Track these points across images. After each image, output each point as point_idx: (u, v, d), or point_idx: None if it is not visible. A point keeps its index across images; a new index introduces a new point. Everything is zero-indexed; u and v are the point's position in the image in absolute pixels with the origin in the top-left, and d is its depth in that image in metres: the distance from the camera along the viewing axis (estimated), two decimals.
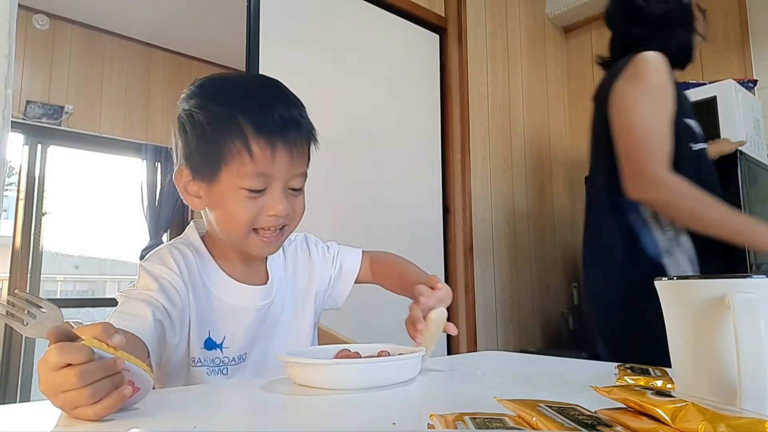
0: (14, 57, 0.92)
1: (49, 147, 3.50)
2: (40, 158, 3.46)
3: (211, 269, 0.83)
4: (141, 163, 3.86)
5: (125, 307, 0.70)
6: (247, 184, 0.74)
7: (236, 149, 0.73)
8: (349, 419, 0.48)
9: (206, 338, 0.79)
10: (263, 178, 0.75)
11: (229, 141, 0.73)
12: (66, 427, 0.46)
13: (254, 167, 0.73)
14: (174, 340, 0.75)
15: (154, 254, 0.80)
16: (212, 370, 0.79)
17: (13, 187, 3.36)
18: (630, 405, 0.36)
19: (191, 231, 0.86)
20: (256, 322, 0.84)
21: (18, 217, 3.35)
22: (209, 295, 0.81)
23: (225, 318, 0.81)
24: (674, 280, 0.46)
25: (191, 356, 0.78)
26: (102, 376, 0.46)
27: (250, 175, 0.74)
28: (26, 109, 3.37)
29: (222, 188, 0.75)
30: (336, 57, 2.16)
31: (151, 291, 0.73)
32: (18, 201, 3.37)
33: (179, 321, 0.76)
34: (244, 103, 0.76)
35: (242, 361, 0.82)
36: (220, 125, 0.74)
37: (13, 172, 3.38)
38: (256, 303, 0.83)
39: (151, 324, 0.68)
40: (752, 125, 2.06)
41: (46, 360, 0.46)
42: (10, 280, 3.29)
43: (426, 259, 2.38)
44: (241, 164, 0.73)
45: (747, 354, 0.38)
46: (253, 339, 0.83)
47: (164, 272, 0.76)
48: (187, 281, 0.78)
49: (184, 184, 0.79)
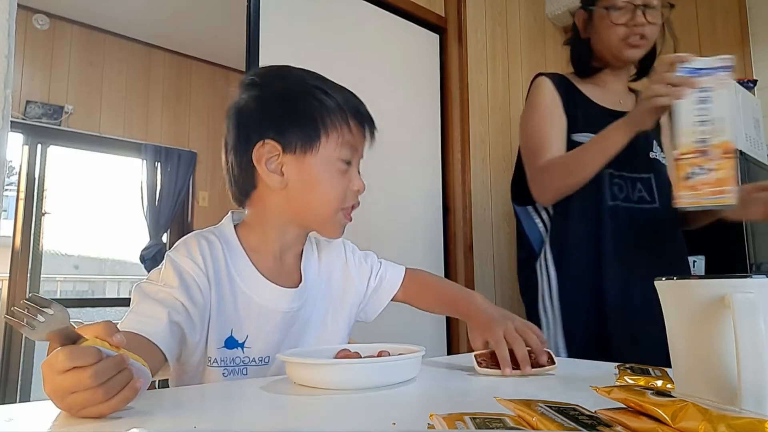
0: (14, 57, 0.92)
1: (49, 147, 3.50)
2: (40, 158, 3.46)
3: (242, 263, 0.80)
4: (141, 163, 3.86)
5: (140, 307, 0.69)
6: (345, 155, 0.80)
7: (337, 121, 0.79)
8: (349, 419, 0.48)
9: (228, 336, 0.77)
10: (354, 151, 0.82)
11: (330, 112, 0.79)
12: (66, 427, 0.46)
13: (352, 139, 0.81)
14: (195, 338, 0.73)
15: (181, 243, 0.78)
16: (231, 371, 0.76)
17: (13, 187, 3.36)
18: (630, 405, 0.36)
19: (227, 220, 0.85)
20: (283, 326, 0.81)
21: (18, 217, 3.34)
22: (236, 289, 0.78)
23: (250, 317, 0.78)
24: (674, 280, 0.46)
25: (208, 356, 0.76)
26: (114, 374, 0.47)
27: (347, 145, 0.80)
28: (26, 109, 3.37)
29: (318, 160, 0.78)
30: (336, 57, 2.16)
31: (172, 288, 0.72)
32: (18, 201, 3.37)
33: (200, 320, 0.74)
34: (331, 83, 0.83)
35: (264, 363, 0.79)
36: (318, 98, 0.79)
37: (13, 172, 3.38)
38: (285, 306, 0.81)
39: (166, 326, 0.67)
40: (752, 125, 2.06)
41: (52, 364, 0.45)
42: (10, 280, 3.29)
43: (426, 259, 2.38)
44: (342, 134, 0.80)
45: (747, 354, 0.38)
46: (278, 343, 0.80)
47: (189, 266, 0.75)
48: (210, 276, 0.76)
49: (267, 159, 0.78)
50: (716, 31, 2.50)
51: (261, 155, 0.78)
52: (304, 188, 0.79)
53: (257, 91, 0.81)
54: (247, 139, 0.79)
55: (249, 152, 0.78)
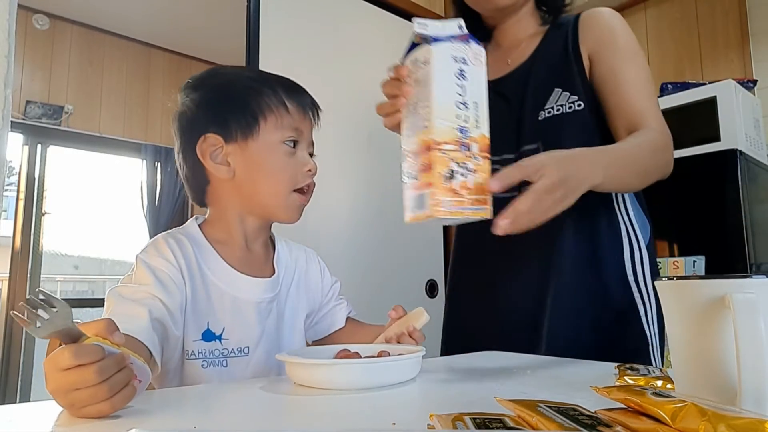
0: (14, 57, 0.92)
1: (49, 147, 3.50)
2: (40, 158, 3.45)
3: (211, 257, 0.82)
4: (141, 163, 3.86)
5: (118, 309, 0.69)
6: (287, 135, 0.81)
7: (273, 104, 0.81)
8: (349, 419, 0.48)
9: (205, 330, 0.78)
10: (298, 132, 0.83)
11: (265, 97, 0.81)
12: (66, 426, 0.46)
13: (291, 120, 0.82)
14: (178, 332, 0.74)
15: (150, 245, 0.80)
16: (210, 363, 0.77)
17: (13, 187, 3.36)
18: (630, 405, 0.36)
19: (190, 222, 0.87)
20: (259, 316, 0.82)
21: (18, 217, 3.34)
22: (208, 283, 0.80)
23: (224, 308, 0.80)
24: (674, 280, 0.46)
25: (185, 349, 0.77)
26: (116, 371, 0.47)
27: (288, 126, 0.81)
28: (26, 109, 3.37)
29: (260, 145, 0.80)
30: (336, 57, 2.16)
31: (146, 286, 0.73)
32: (18, 201, 3.37)
33: (179, 313, 0.75)
34: (265, 73, 0.86)
35: (244, 354, 0.80)
36: (253, 87, 0.82)
37: (13, 172, 3.38)
38: (258, 296, 0.82)
39: (148, 323, 0.68)
40: (752, 125, 2.06)
41: (56, 361, 0.46)
42: (10, 280, 3.28)
43: (426, 261, 2.38)
44: (280, 116, 0.81)
45: (747, 354, 0.38)
46: (256, 334, 0.82)
47: (161, 264, 0.76)
48: (183, 271, 0.78)
49: (211, 152, 0.81)
50: (716, 31, 2.50)
51: (205, 150, 0.81)
52: (251, 174, 0.81)
53: (194, 92, 0.84)
54: (190, 138, 0.82)
55: (195, 151, 0.81)
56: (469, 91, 0.65)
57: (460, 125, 0.64)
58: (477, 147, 0.64)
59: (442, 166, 0.62)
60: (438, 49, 0.64)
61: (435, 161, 0.62)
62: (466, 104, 0.64)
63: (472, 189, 0.63)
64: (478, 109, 0.65)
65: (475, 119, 0.65)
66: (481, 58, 0.66)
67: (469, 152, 0.64)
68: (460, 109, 0.64)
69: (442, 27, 0.66)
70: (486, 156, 0.65)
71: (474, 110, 0.65)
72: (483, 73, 0.66)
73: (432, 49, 0.64)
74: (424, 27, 0.66)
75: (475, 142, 0.64)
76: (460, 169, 0.63)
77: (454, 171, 0.62)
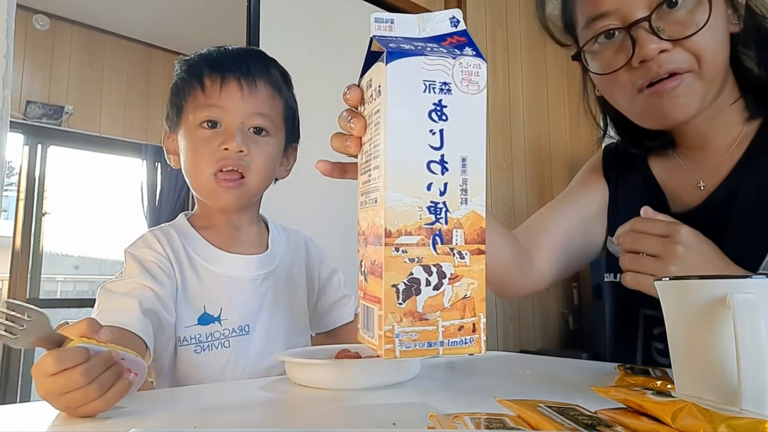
0: (14, 57, 0.92)
1: (49, 147, 3.50)
2: (40, 158, 3.45)
3: (197, 243, 0.82)
4: (141, 163, 3.86)
5: (108, 304, 0.69)
6: (201, 116, 0.77)
7: (191, 86, 0.79)
8: (349, 419, 0.48)
9: (201, 314, 0.78)
10: (214, 109, 0.77)
11: (185, 79, 0.80)
12: (66, 426, 0.46)
13: (205, 99, 0.77)
14: (171, 319, 0.74)
15: (139, 239, 0.81)
16: (206, 347, 0.77)
17: (13, 187, 3.36)
18: (630, 405, 0.36)
19: (179, 216, 0.88)
20: (255, 294, 0.82)
21: (18, 217, 3.34)
22: (198, 267, 0.80)
23: (219, 289, 0.80)
24: (674, 280, 0.46)
25: (177, 336, 0.76)
26: (104, 369, 0.47)
27: (201, 106, 0.78)
28: (26, 109, 3.37)
29: (184, 130, 0.80)
30: (336, 57, 2.16)
31: (135, 277, 0.73)
32: (18, 201, 3.37)
33: (171, 299, 0.75)
34: (206, 51, 0.83)
35: (245, 333, 0.80)
36: (184, 70, 0.81)
37: (13, 172, 3.38)
38: (250, 272, 0.83)
39: (140, 315, 0.67)
40: None
41: (42, 367, 0.45)
42: (10, 280, 3.29)
43: None
44: (194, 98, 0.78)
45: (747, 354, 0.38)
46: (254, 311, 0.82)
47: (148, 254, 0.77)
48: (172, 260, 0.78)
49: (166, 144, 0.85)
50: None
51: (164, 143, 0.86)
52: (184, 162, 0.82)
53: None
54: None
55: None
56: (450, 138, 0.39)
57: (432, 201, 0.39)
58: (461, 236, 0.39)
59: (396, 274, 0.38)
60: (396, 69, 0.39)
61: (386, 265, 0.38)
62: (445, 163, 0.39)
63: (450, 310, 0.39)
64: (466, 169, 0.40)
65: (460, 188, 0.40)
66: (478, 77, 0.40)
67: (447, 247, 0.39)
68: (433, 172, 0.39)
69: (416, 25, 0.43)
70: (478, 250, 0.40)
71: (458, 172, 0.40)
72: (479, 103, 0.40)
73: (386, 70, 0.39)
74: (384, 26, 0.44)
75: (459, 228, 0.39)
76: (428, 278, 0.39)
77: (418, 282, 0.39)
